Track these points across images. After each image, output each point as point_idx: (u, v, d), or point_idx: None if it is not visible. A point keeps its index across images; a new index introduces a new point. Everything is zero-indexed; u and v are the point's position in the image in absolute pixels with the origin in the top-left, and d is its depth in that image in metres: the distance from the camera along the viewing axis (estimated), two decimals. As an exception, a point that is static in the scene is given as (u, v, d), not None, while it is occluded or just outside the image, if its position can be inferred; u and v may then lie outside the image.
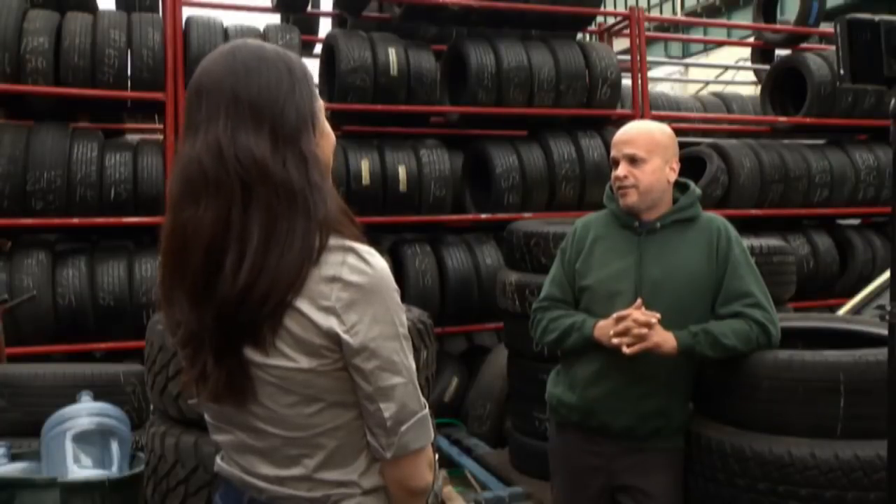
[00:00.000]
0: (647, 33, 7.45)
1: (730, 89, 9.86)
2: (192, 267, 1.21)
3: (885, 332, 2.20)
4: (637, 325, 2.24)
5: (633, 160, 2.38)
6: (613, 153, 2.44)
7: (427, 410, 1.30)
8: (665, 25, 16.69)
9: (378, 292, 1.23)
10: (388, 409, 1.24)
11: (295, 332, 1.20)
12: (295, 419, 1.25)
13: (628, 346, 2.25)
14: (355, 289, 1.21)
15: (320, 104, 1.32)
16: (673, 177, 2.43)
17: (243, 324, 1.20)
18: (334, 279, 1.21)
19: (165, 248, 1.25)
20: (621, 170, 2.39)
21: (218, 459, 1.39)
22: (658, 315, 2.25)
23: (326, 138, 1.33)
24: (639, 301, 2.27)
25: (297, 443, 1.26)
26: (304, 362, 1.21)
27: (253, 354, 1.22)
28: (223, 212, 1.19)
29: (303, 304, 1.20)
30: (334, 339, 1.21)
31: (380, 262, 1.25)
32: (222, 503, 1.38)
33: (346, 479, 1.28)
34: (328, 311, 1.20)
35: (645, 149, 2.38)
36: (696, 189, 2.49)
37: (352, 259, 1.22)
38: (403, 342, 1.26)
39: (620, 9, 15.11)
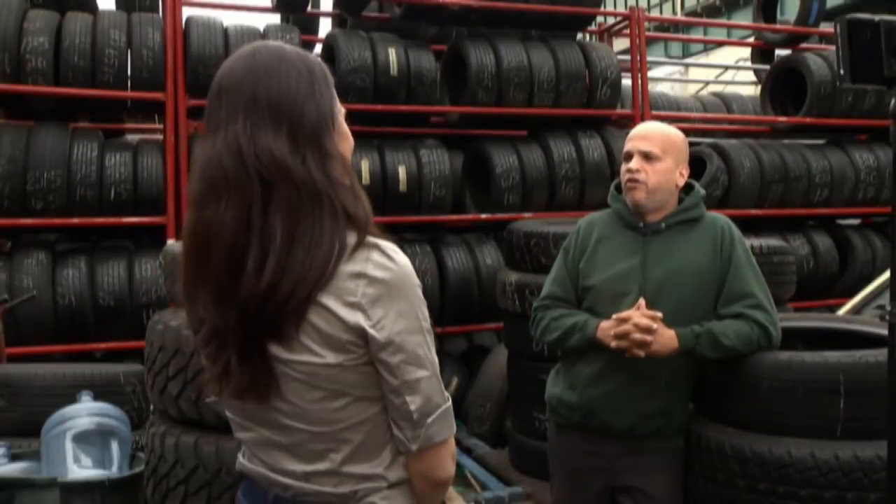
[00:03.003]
0: (647, 33, 7.45)
1: (730, 89, 9.86)
2: (216, 265, 1.22)
3: (885, 332, 2.19)
4: (637, 330, 2.24)
5: (647, 156, 2.39)
6: (628, 147, 2.44)
7: (450, 403, 1.32)
8: (665, 25, 16.68)
9: (402, 288, 1.25)
10: (413, 402, 1.26)
11: (321, 328, 1.22)
12: (321, 414, 1.26)
13: (628, 351, 2.26)
14: (381, 284, 1.23)
15: (339, 107, 1.33)
16: (682, 182, 2.45)
17: (268, 321, 1.21)
18: (360, 275, 1.22)
19: (188, 246, 1.27)
20: (635, 163, 2.40)
21: (240, 457, 1.40)
22: (660, 315, 2.25)
23: (345, 140, 1.34)
24: (641, 302, 2.27)
25: (323, 437, 1.27)
26: (330, 357, 1.23)
27: (277, 350, 1.23)
28: (244, 211, 1.20)
29: (329, 300, 1.21)
30: (361, 335, 1.22)
31: (403, 259, 1.28)
32: (245, 500, 1.38)
33: (372, 473, 1.30)
34: (354, 306, 1.22)
35: (660, 147, 2.39)
36: (700, 189, 2.50)
37: (376, 255, 1.24)
38: (427, 336, 1.29)
39: (620, 9, 15.11)
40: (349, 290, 1.22)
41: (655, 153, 2.39)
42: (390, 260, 1.25)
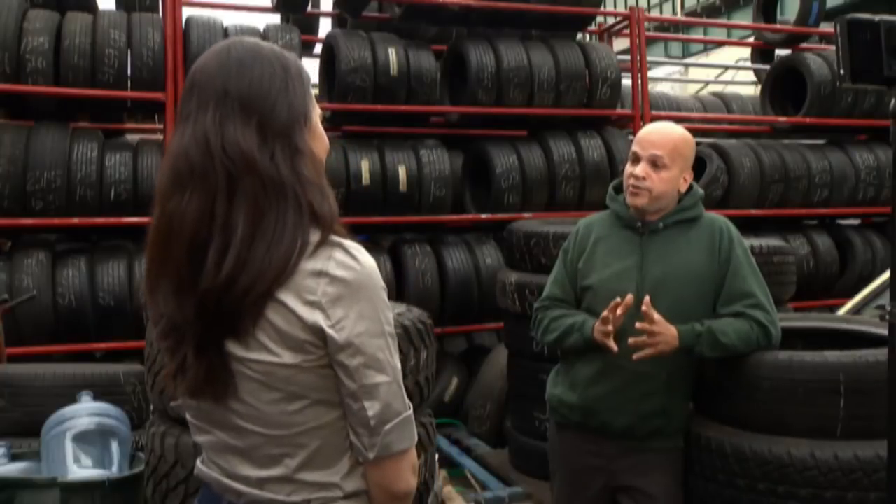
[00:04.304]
0: (647, 33, 7.45)
1: (730, 89, 9.86)
2: (176, 257, 1.20)
3: (885, 332, 2.19)
4: (645, 328, 2.24)
5: (655, 164, 2.38)
6: (637, 149, 2.42)
7: (411, 412, 1.28)
8: (665, 25, 16.69)
9: (365, 289, 1.22)
10: (371, 408, 1.23)
11: (279, 326, 1.19)
12: (277, 416, 1.23)
13: (635, 353, 2.26)
14: (342, 284, 1.20)
15: (315, 106, 1.32)
16: (684, 187, 2.44)
17: (225, 316, 1.18)
18: (321, 274, 1.20)
19: (152, 238, 1.25)
20: (641, 169, 2.38)
21: (198, 462, 1.38)
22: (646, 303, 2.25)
23: (320, 140, 1.32)
24: (646, 299, 2.26)
25: (278, 441, 1.24)
26: (287, 357, 1.20)
27: (234, 348, 1.21)
28: (207, 203, 1.19)
29: (287, 298, 1.19)
30: (319, 335, 1.20)
31: (367, 259, 1.24)
32: None
33: (327, 482, 1.26)
34: (313, 305, 1.19)
35: (669, 156, 2.38)
36: (698, 189, 2.49)
37: (339, 254, 1.22)
38: (389, 340, 1.25)
39: (620, 9, 15.11)
40: (309, 287, 1.19)
41: (664, 161, 2.37)
42: (354, 259, 1.22)
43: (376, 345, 1.23)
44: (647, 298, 2.24)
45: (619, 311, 2.23)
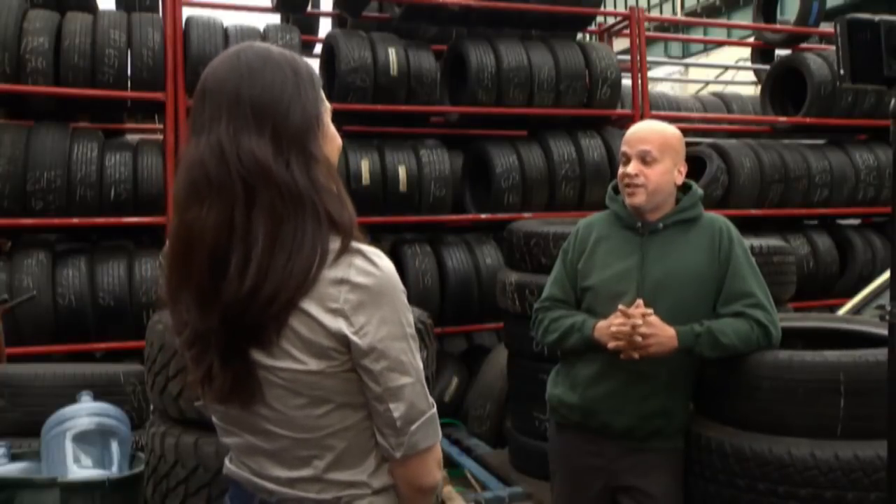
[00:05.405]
0: (647, 33, 7.46)
1: (730, 89, 9.86)
2: (198, 268, 1.21)
3: (885, 332, 2.19)
4: (636, 333, 2.24)
5: (644, 159, 2.38)
6: (625, 149, 2.43)
7: (435, 409, 1.32)
8: (665, 25, 16.70)
9: (386, 293, 1.24)
10: (397, 410, 1.25)
11: (302, 334, 1.21)
12: (303, 421, 1.25)
13: (624, 353, 2.27)
14: (363, 290, 1.22)
15: (327, 107, 1.33)
16: (680, 180, 2.44)
17: (249, 325, 1.20)
18: (342, 281, 1.21)
19: (171, 248, 1.26)
20: (632, 167, 2.39)
21: (227, 461, 1.40)
22: (651, 311, 2.25)
23: (332, 141, 1.33)
24: (639, 301, 2.27)
25: (306, 444, 1.27)
26: (312, 364, 1.22)
27: (260, 356, 1.22)
28: (226, 213, 1.19)
29: (310, 306, 1.20)
30: (343, 341, 1.21)
31: (387, 264, 1.26)
32: None
33: (355, 480, 1.29)
34: (336, 312, 1.21)
35: (658, 149, 2.38)
36: (698, 189, 2.49)
37: (359, 261, 1.23)
38: (411, 342, 1.27)
39: (620, 9, 15.12)
40: (331, 295, 1.21)
41: (654, 155, 2.37)
42: (373, 265, 1.24)
43: (399, 348, 1.25)
44: (641, 303, 2.25)
45: (626, 320, 2.25)
